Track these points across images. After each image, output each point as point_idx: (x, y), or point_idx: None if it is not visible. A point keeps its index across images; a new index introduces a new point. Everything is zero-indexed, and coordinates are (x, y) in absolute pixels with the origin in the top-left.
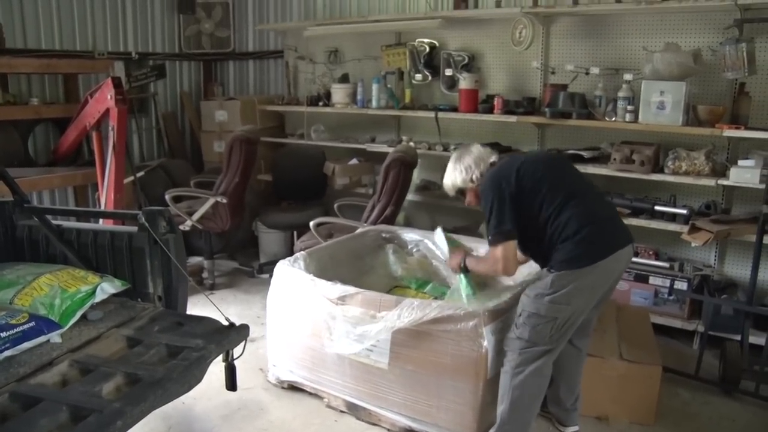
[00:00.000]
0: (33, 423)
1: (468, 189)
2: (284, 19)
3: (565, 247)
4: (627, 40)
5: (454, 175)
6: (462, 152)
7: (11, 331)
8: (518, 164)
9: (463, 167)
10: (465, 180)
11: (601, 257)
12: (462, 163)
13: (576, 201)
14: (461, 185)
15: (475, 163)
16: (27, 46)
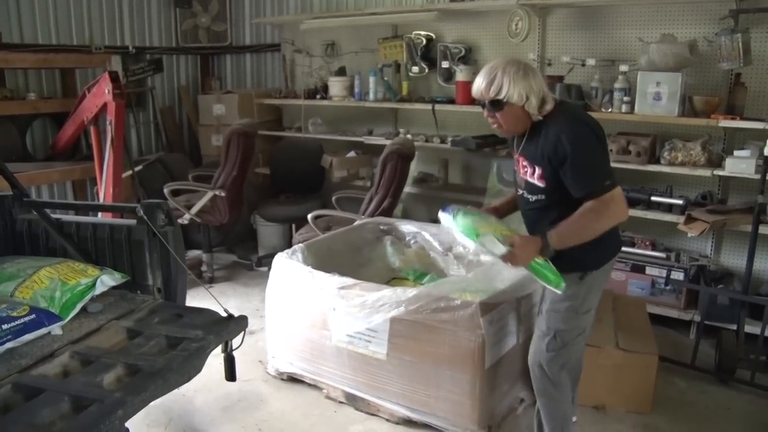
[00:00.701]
0: (35, 413)
1: (512, 107)
2: (281, 12)
3: (601, 240)
4: (623, 31)
5: (516, 84)
6: (531, 68)
7: (13, 323)
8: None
9: (534, 84)
10: (523, 95)
11: (618, 247)
12: (533, 79)
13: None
14: (515, 99)
15: (543, 90)
16: (24, 41)
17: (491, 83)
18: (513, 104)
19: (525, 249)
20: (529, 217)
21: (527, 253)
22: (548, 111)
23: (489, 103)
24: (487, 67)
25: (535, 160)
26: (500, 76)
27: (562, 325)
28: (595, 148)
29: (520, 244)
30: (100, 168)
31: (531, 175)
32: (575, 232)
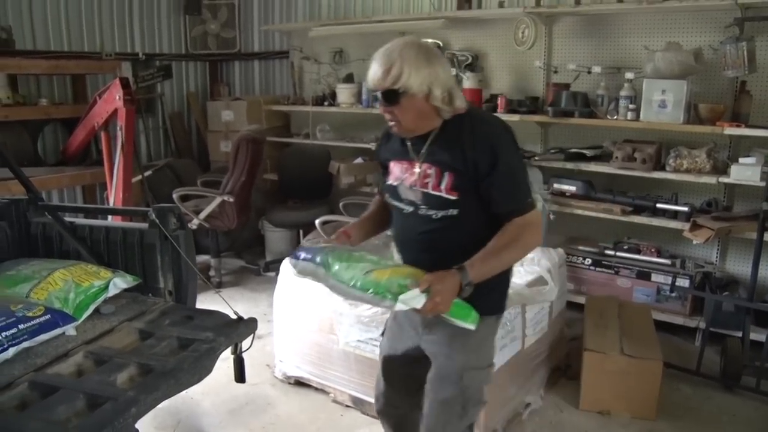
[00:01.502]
0: (51, 409)
1: (412, 99)
2: (289, 19)
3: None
4: (629, 39)
5: (417, 71)
6: (435, 52)
7: (29, 323)
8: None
9: (440, 72)
10: (425, 85)
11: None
12: (439, 66)
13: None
14: (414, 89)
15: (451, 81)
16: (36, 47)
17: (388, 70)
18: (413, 95)
19: (446, 293)
20: (426, 241)
21: (449, 297)
22: (461, 108)
23: (383, 94)
24: (383, 50)
25: (447, 166)
26: (398, 61)
27: (474, 383)
28: (521, 160)
29: (440, 288)
30: (110, 173)
31: (436, 186)
32: (498, 260)
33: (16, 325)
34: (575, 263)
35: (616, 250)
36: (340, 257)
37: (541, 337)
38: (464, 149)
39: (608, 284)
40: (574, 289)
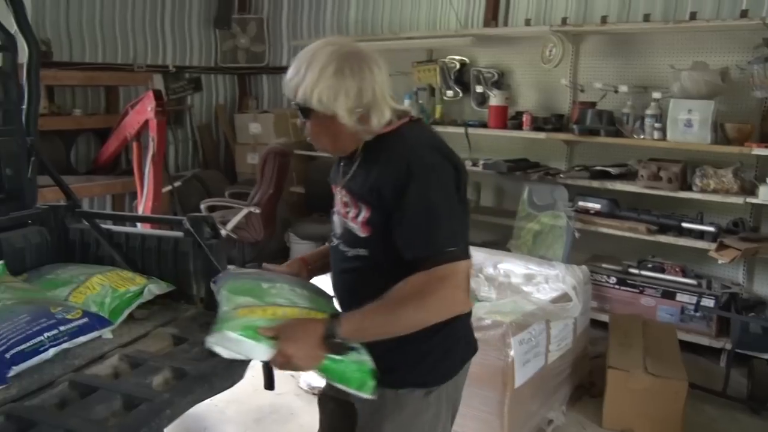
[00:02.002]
0: (91, 408)
1: (317, 116)
2: (317, 35)
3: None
4: (655, 58)
5: (319, 84)
6: (352, 61)
7: (68, 325)
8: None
9: (351, 86)
10: (328, 103)
11: (474, 345)
12: (352, 78)
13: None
14: (314, 105)
15: (372, 95)
16: (72, 59)
17: (292, 78)
18: (317, 113)
19: (299, 346)
20: (343, 283)
21: (304, 351)
22: (389, 127)
23: (296, 105)
24: (301, 51)
25: (361, 196)
26: (304, 68)
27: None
28: (449, 194)
29: (288, 337)
30: (141, 182)
31: (353, 217)
32: (386, 317)
33: (57, 326)
34: (599, 281)
35: (641, 269)
36: (239, 288)
37: (565, 354)
38: (371, 175)
39: (632, 303)
40: (597, 307)
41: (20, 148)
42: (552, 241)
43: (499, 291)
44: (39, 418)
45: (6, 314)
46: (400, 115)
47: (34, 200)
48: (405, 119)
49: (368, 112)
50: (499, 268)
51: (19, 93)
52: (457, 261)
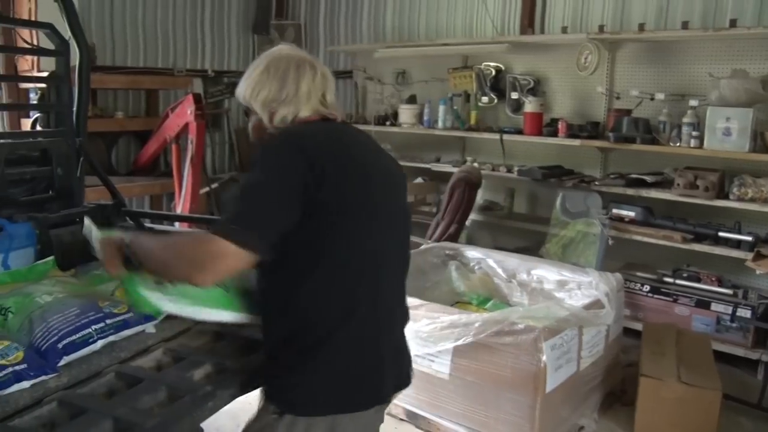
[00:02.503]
0: (137, 398)
1: (256, 116)
2: (354, 41)
3: (321, 354)
4: (693, 66)
5: (260, 86)
6: (294, 63)
7: (114, 319)
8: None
9: (276, 84)
10: (261, 99)
11: (371, 401)
12: (283, 77)
13: (377, 277)
14: (246, 102)
15: (303, 93)
16: (115, 63)
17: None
18: (248, 109)
19: (105, 244)
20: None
21: (109, 252)
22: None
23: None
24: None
25: None
26: (246, 72)
27: None
28: (271, 182)
29: (103, 238)
30: (179, 184)
31: None
32: (154, 247)
33: (104, 320)
34: (633, 289)
35: (675, 278)
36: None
37: (597, 360)
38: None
39: (666, 312)
40: (631, 315)
41: (70, 149)
42: (584, 249)
43: (531, 297)
44: (89, 406)
45: (58, 307)
46: (324, 116)
47: (82, 199)
48: (314, 117)
49: (278, 109)
50: (532, 274)
51: (70, 96)
52: (229, 239)
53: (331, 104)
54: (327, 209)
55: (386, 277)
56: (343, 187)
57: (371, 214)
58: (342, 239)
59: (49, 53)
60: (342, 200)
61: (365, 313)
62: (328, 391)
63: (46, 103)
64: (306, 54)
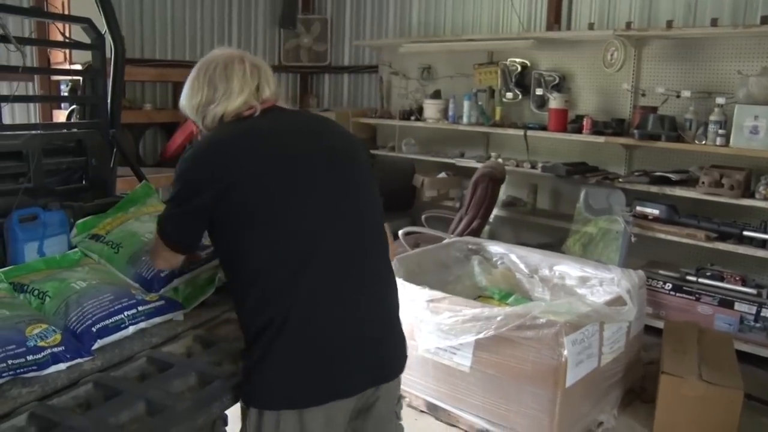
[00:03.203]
0: (168, 382)
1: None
2: (380, 35)
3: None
4: (721, 63)
5: (193, 92)
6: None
7: (146, 306)
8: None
9: (207, 88)
10: (192, 105)
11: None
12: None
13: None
14: (183, 109)
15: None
16: (144, 56)
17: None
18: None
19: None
20: None
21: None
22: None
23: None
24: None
25: None
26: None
27: None
28: (179, 194)
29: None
30: None
31: None
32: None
33: (136, 306)
34: (655, 287)
35: (699, 277)
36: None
37: (618, 357)
38: None
39: (688, 310)
40: (652, 313)
41: (104, 140)
42: (606, 246)
43: (553, 292)
44: (123, 388)
45: (92, 292)
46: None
47: (114, 189)
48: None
49: (209, 111)
50: (554, 269)
51: (104, 88)
52: (161, 239)
53: (269, 93)
54: (237, 216)
55: (333, 269)
56: (253, 192)
57: (295, 209)
58: (260, 241)
59: (86, 47)
60: (253, 205)
61: (309, 309)
62: (284, 386)
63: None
64: (235, 50)
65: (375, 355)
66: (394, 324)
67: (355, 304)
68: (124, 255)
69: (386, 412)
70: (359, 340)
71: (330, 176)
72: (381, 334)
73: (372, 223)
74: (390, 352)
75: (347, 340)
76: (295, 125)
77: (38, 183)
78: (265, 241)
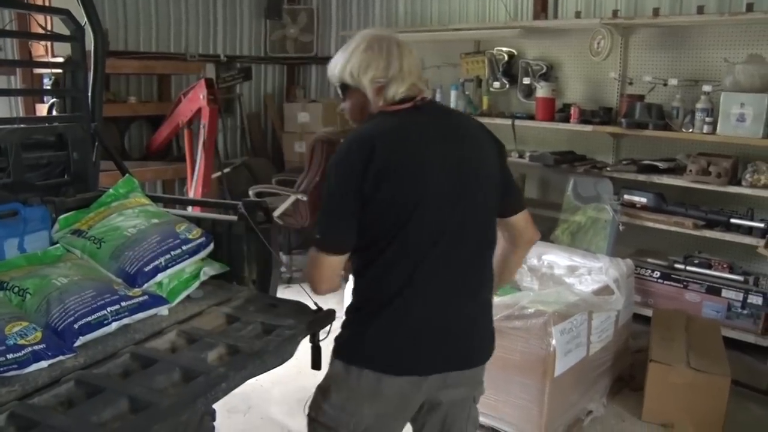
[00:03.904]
0: (152, 379)
1: (356, 90)
2: (366, 25)
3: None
4: (707, 51)
5: (367, 62)
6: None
7: (129, 301)
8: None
9: (383, 62)
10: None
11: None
12: (388, 53)
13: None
14: (353, 80)
15: (406, 70)
16: (128, 48)
17: (334, 63)
18: (350, 87)
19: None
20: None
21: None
22: (384, 108)
23: (337, 86)
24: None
25: None
26: (341, 53)
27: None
28: (333, 190)
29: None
30: (192, 168)
31: None
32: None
33: (119, 302)
34: (643, 275)
35: (686, 264)
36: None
37: (606, 345)
38: None
39: (676, 298)
40: (641, 301)
41: (86, 134)
42: (595, 234)
43: (541, 282)
44: (105, 385)
45: (74, 289)
46: (415, 95)
47: (97, 183)
48: (406, 105)
49: (387, 85)
50: (543, 259)
51: (85, 81)
52: (317, 248)
53: (422, 85)
54: (377, 205)
55: (443, 266)
56: (392, 185)
57: (420, 206)
58: (387, 230)
59: (64, 39)
60: (389, 196)
61: (418, 294)
62: (372, 350)
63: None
64: (395, 34)
65: (454, 342)
66: (483, 319)
67: (455, 297)
68: (106, 250)
69: (462, 398)
70: (442, 330)
71: (450, 183)
72: (469, 328)
73: (482, 222)
74: (474, 344)
75: (439, 328)
76: (429, 130)
77: (18, 178)
78: (388, 235)
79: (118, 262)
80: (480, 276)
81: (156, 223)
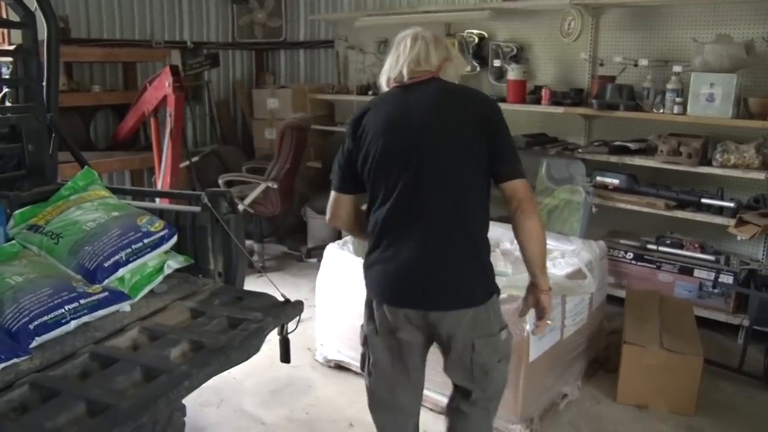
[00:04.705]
0: (111, 379)
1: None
2: (335, 9)
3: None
4: (677, 31)
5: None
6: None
7: (89, 299)
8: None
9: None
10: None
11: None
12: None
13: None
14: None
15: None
16: (90, 35)
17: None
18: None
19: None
20: None
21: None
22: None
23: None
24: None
25: None
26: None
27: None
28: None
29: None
30: (159, 158)
31: None
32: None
33: (78, 300)
34: (616, 257)
35: (659, 245)
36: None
37: (580, 329)
38: None
39: (649, 279)
40: (614, 282)
41: (41, 125)
42: (568, 216)
43: (515, 266)
44: (62, 388)
45: (29, 287)
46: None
47: (55, 176)
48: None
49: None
50: (515, 243)
51: (39, 70)
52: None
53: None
54: (359, 159)
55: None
56: (364, 142)
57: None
58: (371, 182)
59: (13, 25)
60: (364, 152)
61: (388, 239)
62: (368, 282)
63: (13, 77)
64: (417, 29)
65: (423, 283)
66: (457, 267)
67: (422, 243)
68: (65, 245)
69: (461, 343)
70: (411, 272)
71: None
72: (436, 272)
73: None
74: (437, 287)
75: (406, 269)
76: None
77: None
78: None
79: (77, 258)
80: (453, 226)
81: (116, 216)
